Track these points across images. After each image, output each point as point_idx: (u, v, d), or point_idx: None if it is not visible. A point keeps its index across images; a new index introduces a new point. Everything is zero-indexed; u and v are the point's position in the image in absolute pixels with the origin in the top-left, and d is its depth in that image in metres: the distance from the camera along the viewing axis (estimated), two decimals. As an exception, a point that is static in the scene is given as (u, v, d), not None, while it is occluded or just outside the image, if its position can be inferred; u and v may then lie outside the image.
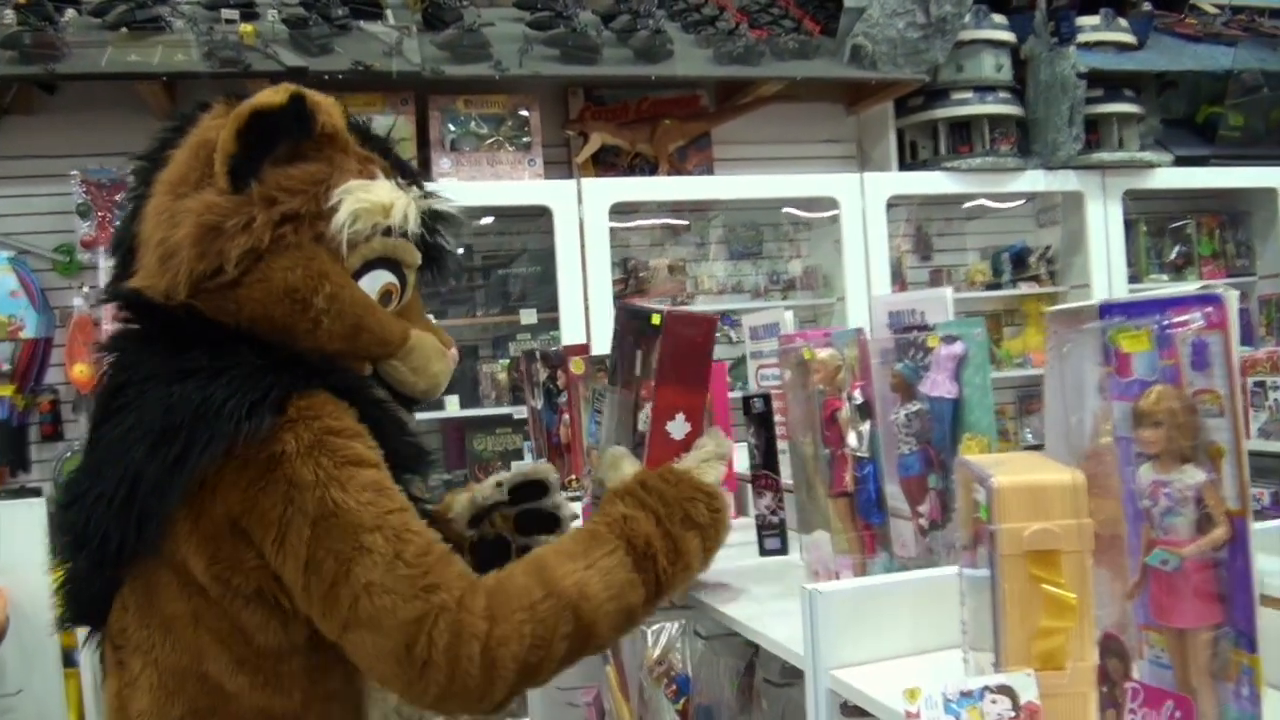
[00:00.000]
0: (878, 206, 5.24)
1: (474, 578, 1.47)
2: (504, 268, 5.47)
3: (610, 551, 1.50)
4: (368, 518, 1.43)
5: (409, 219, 1.61)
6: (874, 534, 1.50)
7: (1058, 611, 0.98)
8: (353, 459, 1.47)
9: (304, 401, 1.49)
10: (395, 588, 1.41)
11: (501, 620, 1.41)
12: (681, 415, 1.67)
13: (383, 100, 5.14)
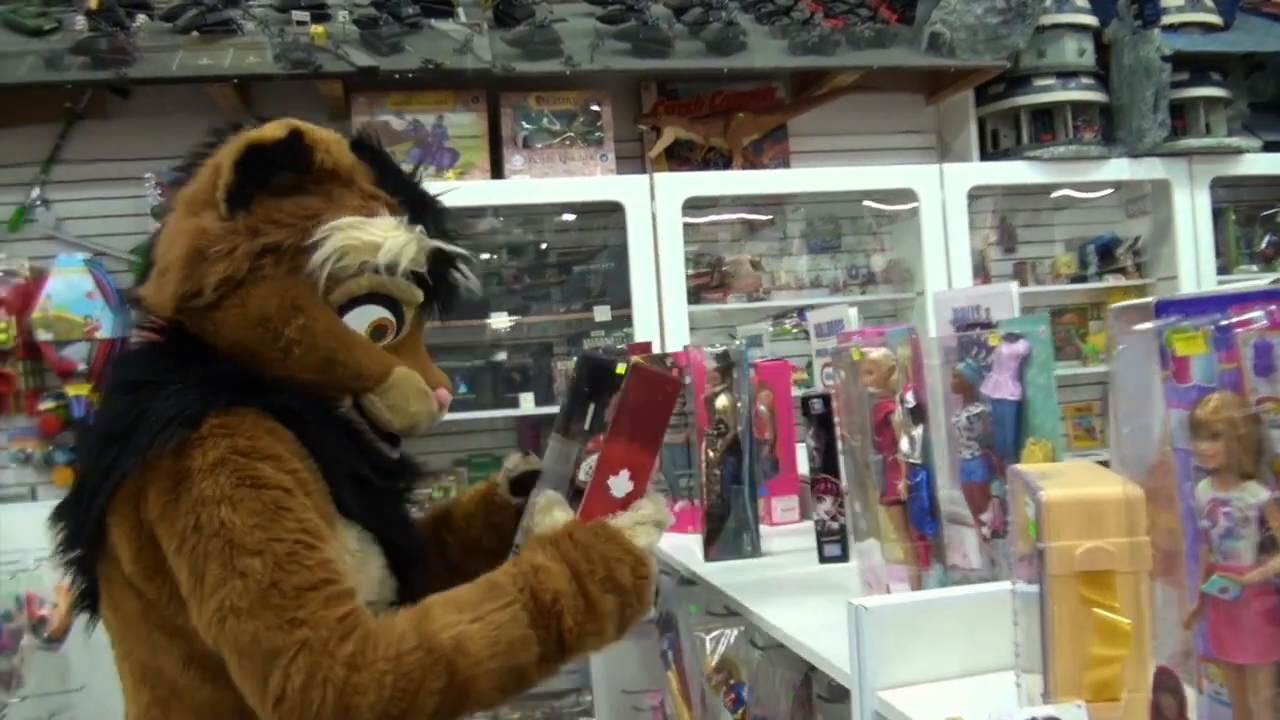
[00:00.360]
0: (958, 198, 5.11)
1: (357, 621, 1.43)
2: (578, 264, 5.43)
3: (505, 605, 1.47)
4: (250, 541, 1.43)
5: (401, 259, 1.60)
6: (928, 545, 1.43)
7: (1111, 638, 0.90)
8: (253, 480, 1.46)
9: (219, 419, 1.49)
10: (261, 616, 1.40)
11: (363, 668, 1.38)
12: (626, 473, 1.59)
13: (454, 98, 5.12)
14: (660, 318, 4.96)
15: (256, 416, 1.52)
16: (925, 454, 1.43)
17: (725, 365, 2.12)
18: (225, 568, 1.41)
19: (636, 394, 1.60)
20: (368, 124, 5.09)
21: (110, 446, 1.51)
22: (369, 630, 1.42)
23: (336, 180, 1.62)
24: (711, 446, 2.10)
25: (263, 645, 1.38)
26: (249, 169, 1.55)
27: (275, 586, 1.40)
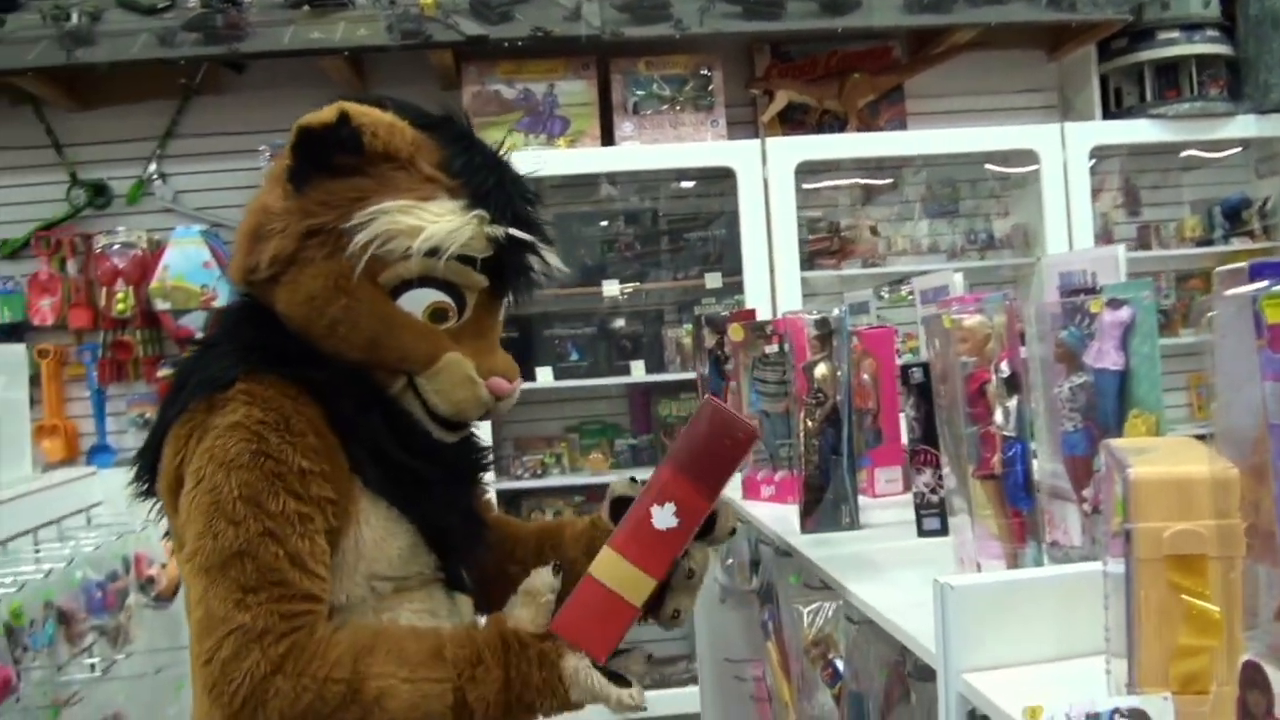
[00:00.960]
0: (1080, 159, 4.95)
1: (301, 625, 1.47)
2: (691, 231, 5.39)
3: (439, 680, 1.49)
4: (232, 510, 1.48)
5: (446, 244, 1.58)
6: (1023, 521, 1.37)
7: (1200, 627, 0.84)
8: (257, 449, 1.50)
9: (245, 385, 1.55)
10: (219, 581, 1.47)
11: (289, 675, 1.44)
12: (673, 506, 1.52)
13: (564, 65, 5.12)
14: (772, 284, 4.91)
15: (282, 385, 1.56)
16: (1020, 426, 1.37)
17: (825, 333, 2.07)
18: (206, 525, 1.48)
19: (706, 431, 1.54)
20: (478, 93, 5.12)
21: (172, 397, 1.62)
22: (309, 641, 1.47)
23: (391, 162, 1.61)
24: (810, 416, 2.05)
25: (210, 608, 1.46)
26: (305, 151, 1.58)
27: (239, 558, 1.46)
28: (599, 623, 1.53)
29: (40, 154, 5.53)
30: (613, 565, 1.53)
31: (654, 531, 1.52)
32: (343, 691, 1.45)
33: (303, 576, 1.50)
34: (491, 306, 1.72)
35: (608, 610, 1.53)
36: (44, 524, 2.83)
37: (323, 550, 1.54)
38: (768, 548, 2.32)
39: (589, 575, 1.53)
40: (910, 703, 1.59)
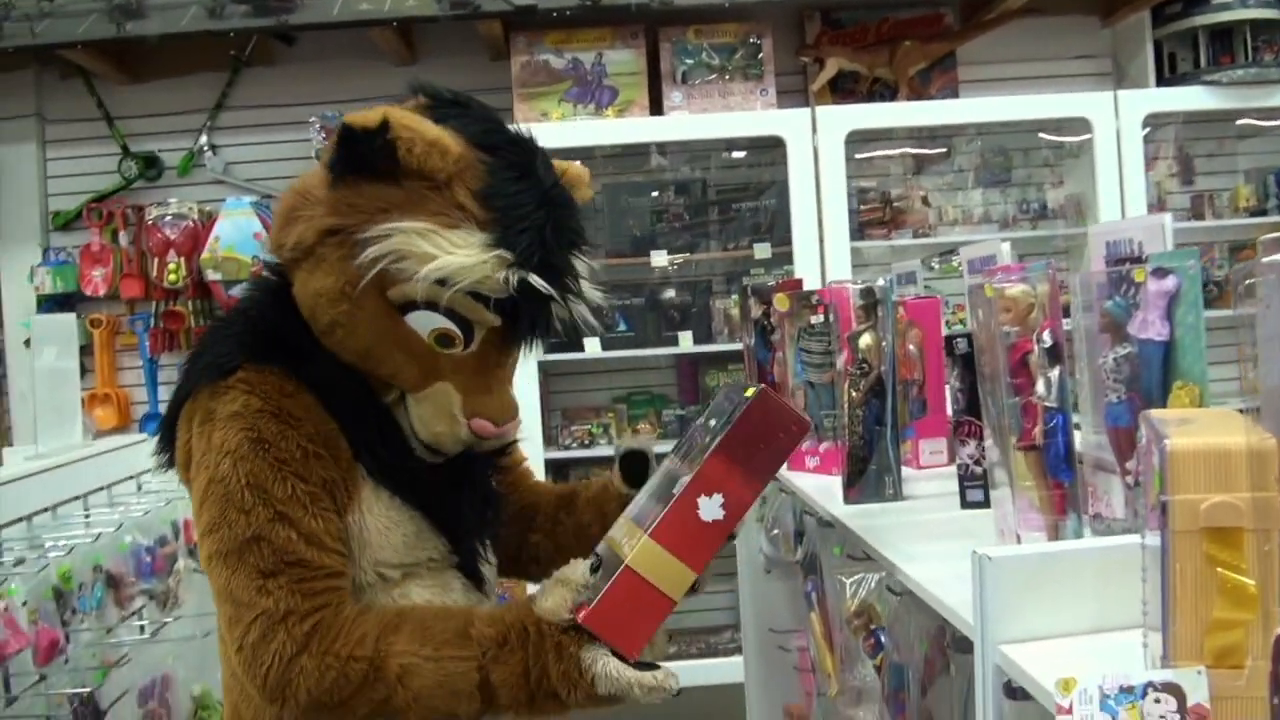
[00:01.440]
0: (1133, 127, 4.86)
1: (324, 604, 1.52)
2: (740, 201, 5.37)
3: (465, 659, 1.50)
4: (242, 500, 1.52)
5: (456, 278, 1.55)
6: (1064, 493, 1.35)
7: (1236, 601, 0.83)
8: (259, 438, 1.54)
9: (246, 373, 1.59)
10: (238, 569, 1.52)
11: (314, 654, 1.48)
12: (720, 498, 1.48)
13: (612, 34, 5.11)
14: (821, 255, 4.88)
15: (282, 376, 1.59)
16: (1062, 397, 1.35)
17: (870, 303, 2.06)
18: (220, 515, 1.52)
19: (757, 420, 1.50)
20: (526, 63, 5.10)
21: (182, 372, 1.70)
22: (334, 620, 1.51)
23: (427, 181, 1.58)
24: (854, 386, 2.04)
25: (235, 595, 1.51)
26: (346, 148, 1.58)
27: (254, 544, 1.50)
28: (634, 616, 1.49)
29: (92, 126, 5.60)
30: (652, 556, 1.48)
31: (699, 523, 1.48)
32: (365, 670, 1.48)
33: (321, 554, 1.54)
34: (504, 345, 1.70)
35: (644, 604, 1.48)
36: (94, 490, 2.87)
37: (339, 528, 1.58)
38: (811, 519, 2.32)
39: (627, 567, 1.48)
40: (950, 674, 1.59)
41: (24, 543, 2.56)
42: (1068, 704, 0.86)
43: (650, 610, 1.49)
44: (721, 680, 4.61)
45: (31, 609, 2.26)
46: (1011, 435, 1.39)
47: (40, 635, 2.26)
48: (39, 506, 2.66)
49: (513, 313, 1.64)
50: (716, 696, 4.57)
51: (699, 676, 4.90)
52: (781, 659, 2.91)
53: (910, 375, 2.28)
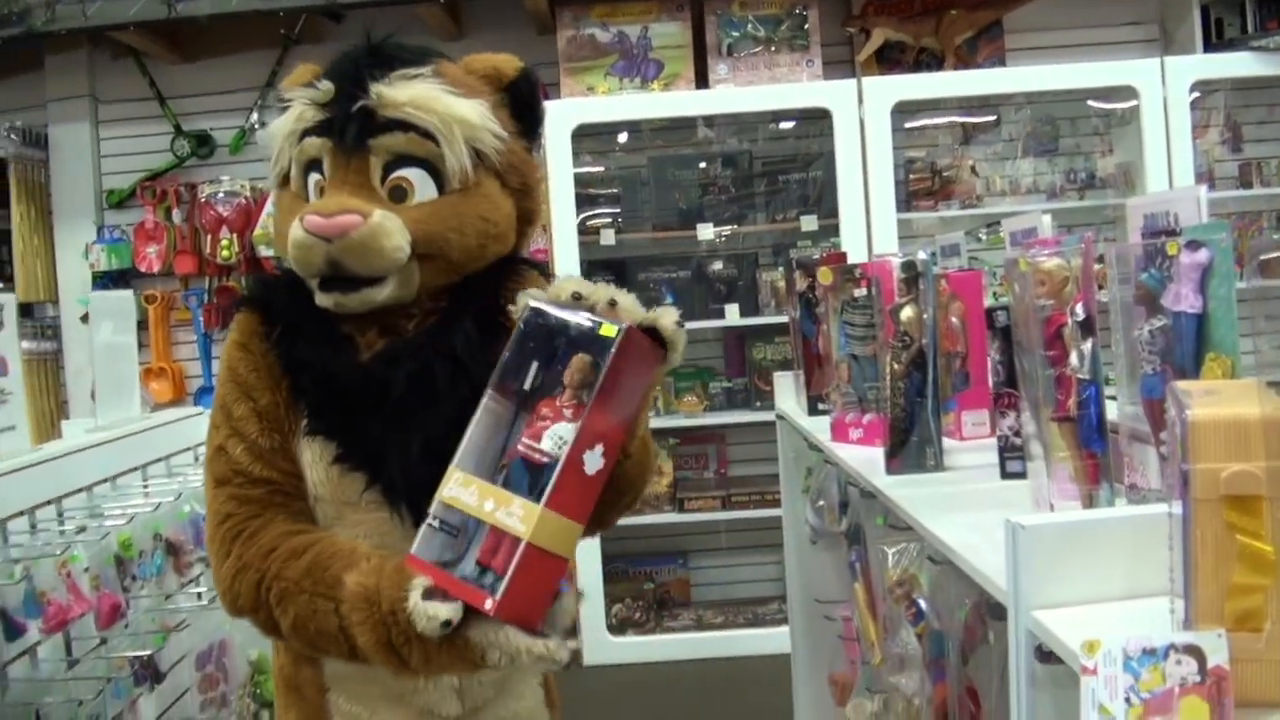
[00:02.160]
0: (1180, 94, 4.82)
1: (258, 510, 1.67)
2: (786, 173, 5.38)
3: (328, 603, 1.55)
4: (216, 416, 1.75)
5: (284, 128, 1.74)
6: (1097, 463, 1.38)
7: (1255, 566, 0.86)
8: (230, 367, 1.75)
9: (238, 314, 1.81)
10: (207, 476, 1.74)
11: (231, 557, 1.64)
12: (601, 448, 1.43)
13: (658, 7, 5.13)
14: (868, 226, 4.88)
15: (251, 316, 1.78)
16: (1094, 369, 1.38)
17: (912, 275, 2.07)
18: (210, 421, 1.77)
19: (626, 363, 1.45)
20: (572, 37, 5.12)
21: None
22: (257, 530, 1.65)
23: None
24: (896, 359, 2.06)
25: (207, 503, 1.74)
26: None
27: (218, 454, 1.71)
28: (537, 589, 1.44)
29: (144, 106, 5.72)
30: (549, 525, 1.41)
31: (585, 478, 1.44)
32: (255, 581, 1.60)
33: (264, 467, 1.68)
34: (341, 161, 1.69)
35: (545, 572, 1.44)
36: (152, 461, 2.94)
37: (287, 456, 1.70)
38: (856, 490, 2.35)
39: (529, 544, 1.39)
40: (990, 642, 1.62)
41: (84, 512, 2.63)
42: (1092, 665, 0.89)
43: (550, 577, 1.45)
44: (768, 650, 4.67)
45: (94, 575, 2.32)
46: (1046, 407, 1.41)
47: (102, 600, 2.33)
48: (99, 477, 2.72)
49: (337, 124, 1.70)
50: (764, 665, 4.63)
51: (746, 646, 4.98)
52: (827, 629, 2.94)
53: (953, 348, 2.30)
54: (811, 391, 2.82)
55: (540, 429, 1.45)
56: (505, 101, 1.80)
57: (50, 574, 2.21)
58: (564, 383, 1.46)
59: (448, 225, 1.71)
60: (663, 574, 5.44)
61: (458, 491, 1.48)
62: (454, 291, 1.77)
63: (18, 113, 5.67)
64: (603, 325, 1.46)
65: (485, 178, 1.75)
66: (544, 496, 1.40)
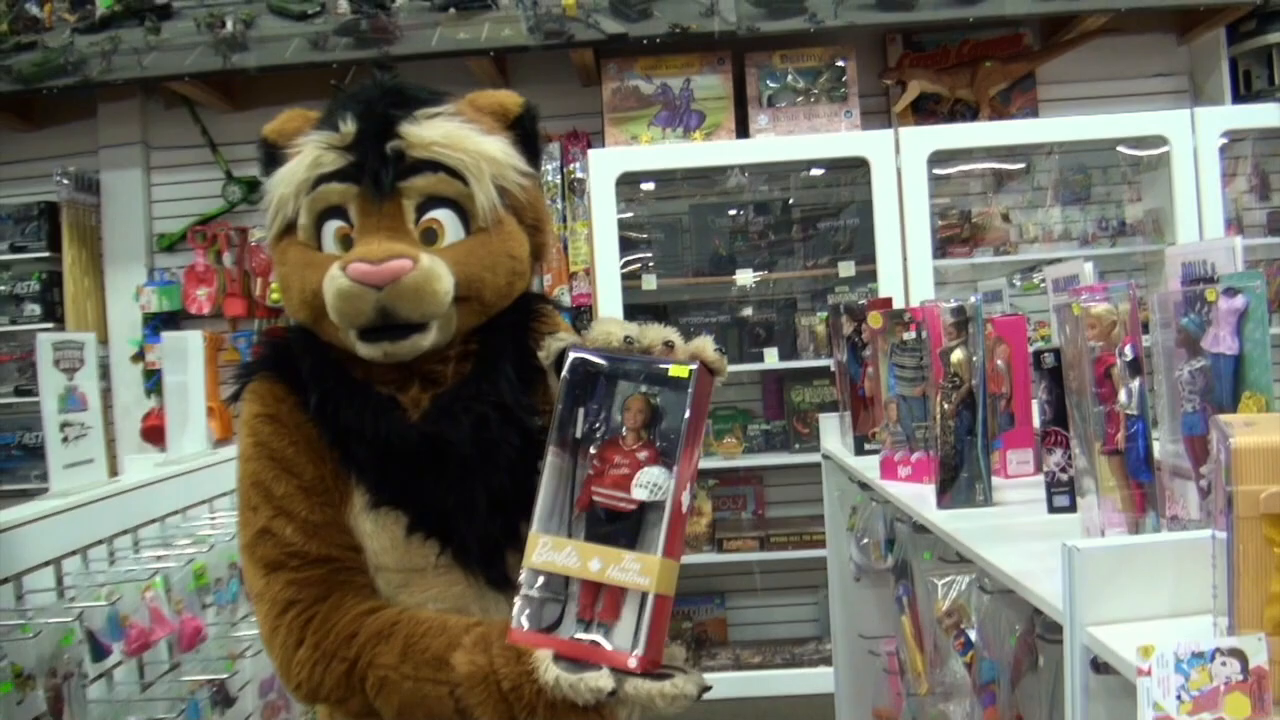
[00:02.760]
0: (1210, 144, 4.91)
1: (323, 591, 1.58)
2: (822, 220, 5.49)
3: (439, 684, 1.49)
4: (249, 497, 1.64)
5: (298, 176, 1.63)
6: (1144, 493, 1.48)
7: (1294, 576, 0.96)
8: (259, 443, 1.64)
9: (253, 384, 1.70)
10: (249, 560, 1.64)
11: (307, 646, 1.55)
12: (690, 485, 1.47)
13: (700, 60, 5.28)
14: (905, 272, 4.98)
15: (273, 384, 1.68)
16: (1141, 405, 1.48)
17: (961, 320, 2.17)
18: (239, 509, 1.66)
19: (701, 400, 1.48)
20: (617, 88, 5.25)
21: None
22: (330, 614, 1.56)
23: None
24: (946, 399, 2.16)
25: (251, 587, 1.64)
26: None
27: (261, 538, 1.61)
28: (663, 634, 1.45)
29: (195, 153, 5.90)
30: (669, 573, 1.44)
31: (683, 518, 1.47)
32: (346, 670, 1.53)
33: (320, 545, 1.59)
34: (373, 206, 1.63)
35: (666, 617, 1.45)
36: (218, 495, 3.05)
37: (342, 526, 1.62)
38: (904, 526, 2.44)
39: (659, 596, 1.41)
40: (1038, 669, 1.71)
41: (157, 541, 2.75)
42: (1148, 667, 0.99)
43: (668, 620, 1.46)
44: (806, 690, 4.74)
45: (177, 600, 2.44)
46: (1097, 441, 1.52)
47: (184, 624, 2.45)
48: (170, 509, 2.85)
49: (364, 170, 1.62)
50: (801, 706, 4.70)
51: (786, 686, 5.05)
52: (870, 663, 3.02)
53: (998, 389, 2.39)
54: (858, 432, 2.92)
55: (619, 476, 1.47)
56: (513, 138, 1.74)
57: (133, 599, 2.33)
58: (626, 426, 1.49)
59: (483, 265, 1.66)
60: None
61: (550, 556, 1.47)
62: (481, 332, 1.72)
63: (70, 158, 5.85)
64: (673, 366, 1.48)
65: (506, 215, 1.69)
66: (660, 547, 1.42)
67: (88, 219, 5.88)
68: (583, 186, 5.29)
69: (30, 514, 2.37)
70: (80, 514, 2.48)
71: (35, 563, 2.32)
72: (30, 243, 5.83)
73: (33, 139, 5.98)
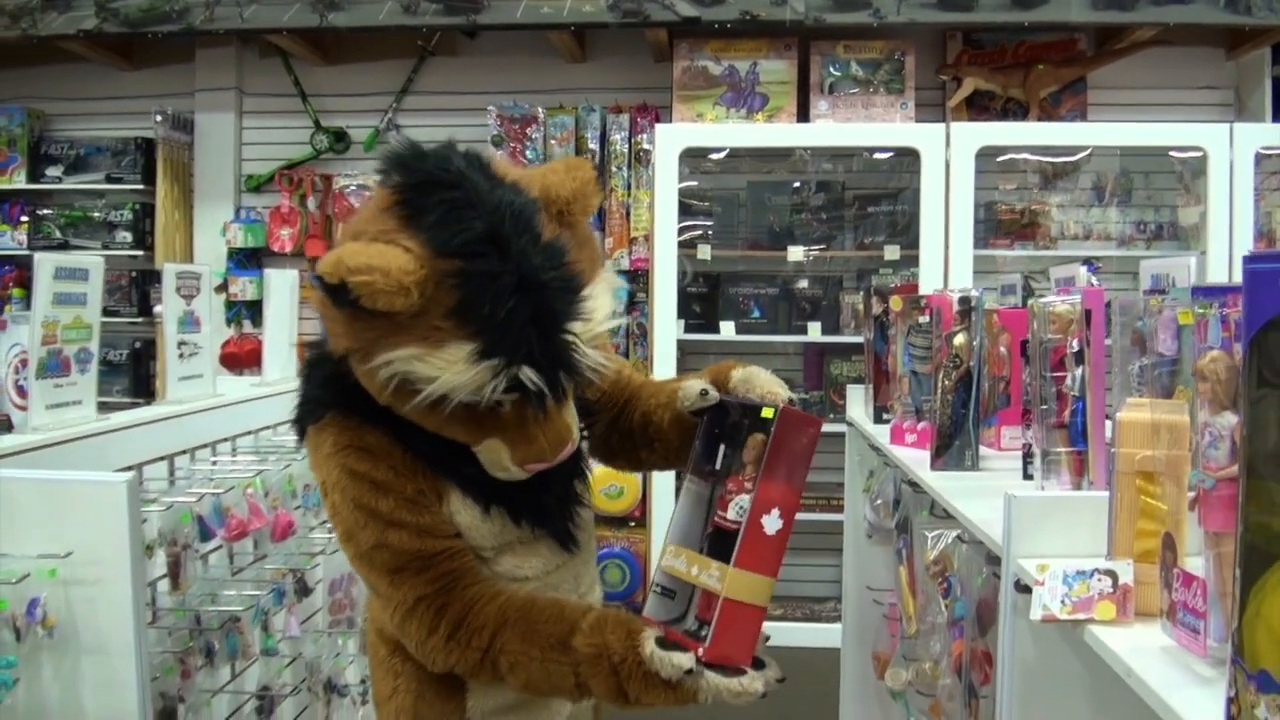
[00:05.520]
0: (1246, 158, 5.14)
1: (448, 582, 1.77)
2: (873, 204, 5.78)
3: (563, 664, 1.72)
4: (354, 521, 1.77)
5: (456, 393, 1.63)
6: (1081, 458, 1.80)
7: (1154, 519, 1.29)
8: (353, 471, 1.77)
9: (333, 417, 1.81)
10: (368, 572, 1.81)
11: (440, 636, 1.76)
12: (778, 511, 1.70)
13: (768, 45, 5.57)
14: (946, 259, 5.26)
15: (361, 424, 1.79)
16: (1082, 388, 1.80)
17: (966, 308, 2.49)
18: (344, 534, 1.81)
19: (787, 436, 1.72)
20: (687, 68, 5.55)
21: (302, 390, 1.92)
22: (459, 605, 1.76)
23: (403, 314, 1.60)
24: (947, 376, 2.48)
25: (376, 588, 1.83)
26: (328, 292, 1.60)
27: (378, 551, 1.77)
28: (740, 635, 1.69)
29: (286, 101, 6.28)
30: (740, 581, 1.68)
31: (767, 539, 1.69)
32: (479, 658, 1.75)
33: (435, 542, 1.77)
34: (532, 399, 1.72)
35: (745, 621, 1.69)
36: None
37: (444, 520, 1.80)
38: (908, 487, 2.76)
39: (725, 601, 1.66)
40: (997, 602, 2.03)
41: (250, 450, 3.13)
42: (1043, 580, 1.32)
43: (750, 624, 1.70)
44: (821, 644, 5.06)
45: (274, 498, 2.81)
46: (1050, 416, 1.84)
47: (279, 518, 2.81)
48: (263, 424, 3.23)
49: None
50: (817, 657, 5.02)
51: (801, 638, 5.38)
52: (874, 611, 3.35)
53: (999, 372, 2.70)
54: (878, 402, 3.24)
55: (727, 501, 1.76)
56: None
57: (237, 495, 2.69)
58: (744, 460, 1.76)
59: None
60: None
61: (671, 561, 1.80)
62: None
63: (167, 98, 6.24)
64: (763, 409, 1.77)
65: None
66: (732, 559, 1.69)
67: (181, 156, 6.28)
68: (648, 157, 5.61)
69: (148, 416, 2.76)
70: (190, 420, 2.86)
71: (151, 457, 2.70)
72: (126, 174, 6.23)
73: (132, 78, 6.39)
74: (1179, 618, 1.17)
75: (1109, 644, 1.25)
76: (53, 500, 2.03)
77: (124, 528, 2.00)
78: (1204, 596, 1.12)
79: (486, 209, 1.63)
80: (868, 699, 3.62)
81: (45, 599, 1.99)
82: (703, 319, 5.66)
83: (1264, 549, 0.90)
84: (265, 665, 2.98)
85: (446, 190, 1.64)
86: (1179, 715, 1.04)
